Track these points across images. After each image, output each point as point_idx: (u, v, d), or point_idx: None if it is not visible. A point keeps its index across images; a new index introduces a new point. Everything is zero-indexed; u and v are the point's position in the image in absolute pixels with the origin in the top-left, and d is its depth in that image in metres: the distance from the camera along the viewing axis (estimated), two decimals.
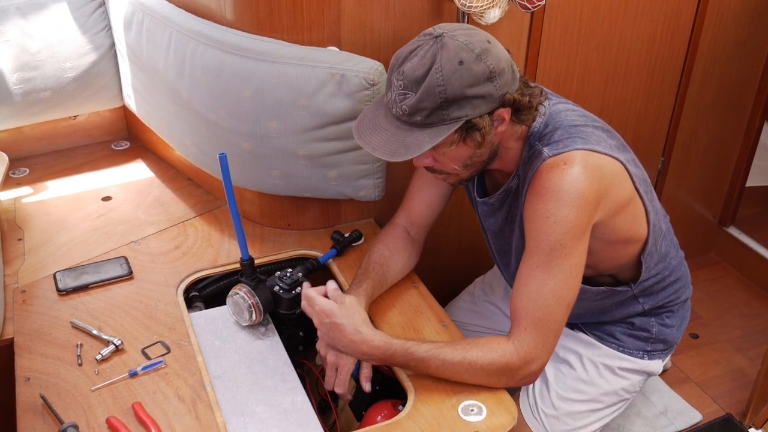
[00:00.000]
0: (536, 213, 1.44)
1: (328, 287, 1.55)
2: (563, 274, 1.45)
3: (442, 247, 2.22)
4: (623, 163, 1.51)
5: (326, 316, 1.47)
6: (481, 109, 1.37)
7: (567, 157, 1.43)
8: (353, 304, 1.50)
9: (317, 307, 1.49)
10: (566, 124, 1.49)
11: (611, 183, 1.48)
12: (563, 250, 1.43)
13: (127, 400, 1.44)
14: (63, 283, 1.72)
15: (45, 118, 2.19)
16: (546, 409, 1.79)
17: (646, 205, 1.59)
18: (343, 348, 1.48)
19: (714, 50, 2.33)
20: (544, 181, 1.43)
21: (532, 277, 1.45)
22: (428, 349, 1.43)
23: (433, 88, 1.33)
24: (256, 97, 1.71)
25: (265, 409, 1.49)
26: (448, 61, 1.33)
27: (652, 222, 1.62)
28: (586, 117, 1.55)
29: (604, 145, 1.48)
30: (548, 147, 1.46)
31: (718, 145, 2.58)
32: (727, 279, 2.74)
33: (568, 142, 1.45)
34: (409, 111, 1.36)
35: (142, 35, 1.92)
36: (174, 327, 1.62)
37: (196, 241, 1.91)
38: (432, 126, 1.37)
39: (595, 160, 1.45)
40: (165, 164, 2.26)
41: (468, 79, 1.34)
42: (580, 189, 1.41)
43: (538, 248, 1.44)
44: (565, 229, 1.42)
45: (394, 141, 1.39)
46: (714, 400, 2.20)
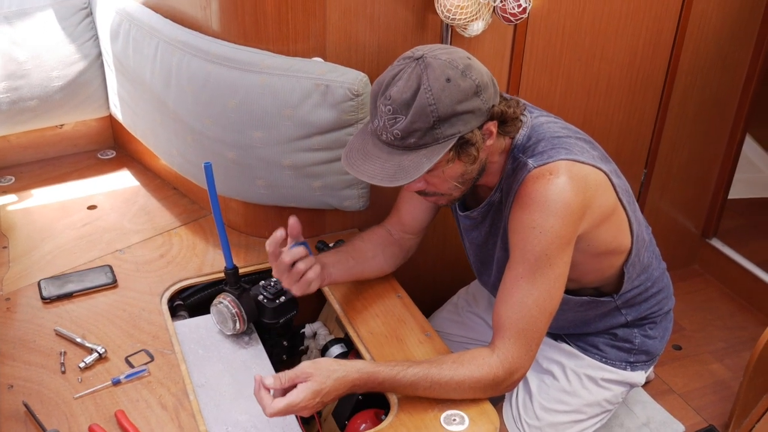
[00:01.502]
0: (522, 223, 1.45)
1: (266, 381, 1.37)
2: (547, 284, 1.46)
3: (427, 258, 2.23)
4: (606, 174, 1.52)
5: (313, 399, 1.36)
6: (472, 123, 1.38)
7: (552, 167, 1.45)
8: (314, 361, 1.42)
9: (300, 404, 1.35)
10: (549, 136, 1.51)
11: (595, 193, 1.50)
12: (548, 260, 1.44)
13: (110, 408, 1.44)
14: (47, 291, 1.72)
15: (31, 126, 2.19)
16: (529, 420, 1.79)
17: (629, 215, 1.61)
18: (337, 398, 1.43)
19: (695, 63, 2.36)
20: (530, 192, 1.44)
21: (517, 287, 1.46)
22: (415, 373, 1.43)
23: (424, 108, 1.33)
24: (241, 107, 1.72)
25: (248, 418, 1.50)
26: (435, 80, 1.34)
27: (635, 233, 1.63)
28: (568, 129, 1.57)
29: (587, 156, 1.50)
30: (533, 158, 1.47)
31: (701, 157, 2.60)
32: (710, 291, 2.75)
33: (552, 152, 1.47)
34: (402, 134, 1.36)
35: (129, 45, 1.93)
36: (158, 335, 1.63)
37: (181, 250, 1.91)
38: (426, 146, 1.37)
39: (579, 171, 1.46)
40: (151, 173, 2.26)
41: (457, 95, 1.35)
42: (566, 199, 1.43)
43: (524, 258, 1.45)
44: (550, 240, 1.43)
45: (390, 166, 1.38)
46: (697, 412, 2.21)
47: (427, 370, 1.43)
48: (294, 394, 1.36)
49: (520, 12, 1.76)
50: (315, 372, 1.38)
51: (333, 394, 1.39)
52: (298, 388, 1.36)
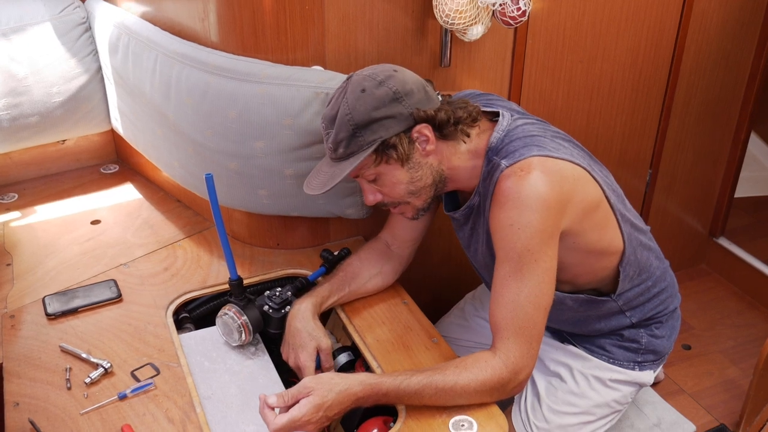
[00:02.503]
0: (500, 223, 1.45)
1: (269, 401, 1.39)
2: (536, 279, 1.45)
3: (432, 263, 2.22)
4: (585, 169, 1.52)
5: (316, 413, 1.37)
6: (394, 128, 1.47)
7: (523, 164, 1.45)
8: (315, 376, 1.43)
9: (303, 419, 1.36)
10: (522, 136, 1.52)
11: (574, 186, 1.49)
12: (531, 255, 1.44)
13: (117, 422, 1.43)
14: (52, 307, 1.72)
15: (33, 143, 2.20)
16: (538, 422, 1.78)
17: (617, 214, 1.60)
18: (342, 413, 1.43)
19: (698, 62, 2.35)
20: (504, 190, 1.45)
21: (506, 287, 1.46)
22: (419, 381, 1.42)
23: (342, 118, 1.46)
24: (241, 118, 1.71)
25: (255, 429, 1.49)
26: (351, 93, 1.46)
27: (626, 232, 1.62)
28: (545, 129, 1.57)
29: (562, 152, 1.49)
30: (505, 159, 1.48)
31: (706, 156, 2.59)
32: (719, 290, 2.74)
33: (523, 150, 1.47)
34: (333, 146, 1.49)
35: (128, 58, 1.93)
36: (163, 349, 1.62)
37: (185, 263, 1.90)
38: (353, 155, 1.48)
39: (552, 165, 1.46)
40: (154, 186, 2.26)
41: (372, 103, 1.45)
42: (540, 193, 1.43)
43: (508, 257, 1.46)
44: (530, 234, 1.43)
45: (324, 177, 1.52)
46: (708, 411, 2.20)
47: (431, 378, 1.43)
48: (296, 409, 1.36)
49: (520, 15, 1.76)
50: (316, 386, 1.38)
51: (336, 408, 1.39)
52: (300, 403, 1.37)
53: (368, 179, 1.54)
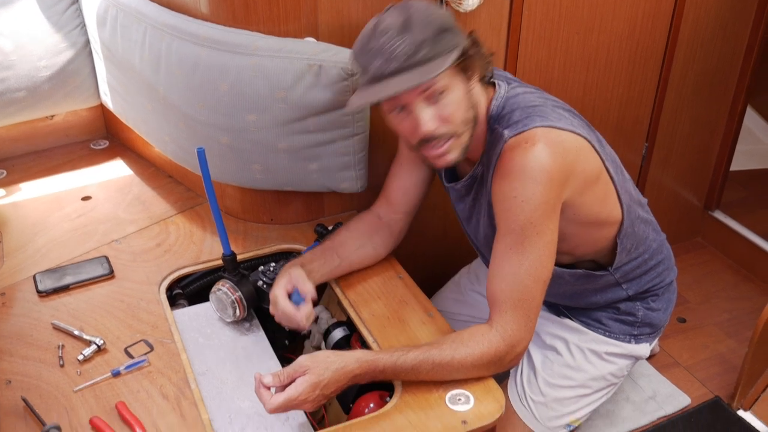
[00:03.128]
0: (503, 194, 1.44)
1: (264, 380, 1.38)
2: (537, 252, 1.44)
3: (428, 238, 2.21)
4: (587, 139, 1.50)
5: (312, 392, 1.36)
6: (464, 42, 1.42)
7: (527, 135, 1.43)
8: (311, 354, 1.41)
9: (300, 398, 1.35)
10: (524, 105, 1.50)
11: (576, 158, 1.48)
12: (534, 228, 1.43)
13: (111, 399, 1.42)
14: (43, 284, 1.70)
15: (21, 118, 2.16)
16: (534, 396, 1.78)
17: (616, 185, 1.58)
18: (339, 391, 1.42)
19: (696, 34, 2.32)
20: (508, 162, 1.43)
21: (507, 259, 1.45)
22: (416, 356, 1.41)
23: (422, 20, 1.36)
24: (233, 91, 1.69)
25: (251, 405, 1.48)
26: (420, 4, 1.40)
27: (624, 203, 1.61)
28: (545, 98, 1.55)
29: (564, 122, 1.48)
30: (508, 128, 1.46)
31: (702, 129, 2.58)
32: (714, 263, 2.74)
33: (527, 121, 1.45)
34: (414, 50, 1.35)
35: (117, 31, 1.90)
36: (157, 325, 1.61)
37: (178, 239, 1.88)
38: (438, 56, 1.36)
39: (556, 136, 1.45)
40: (145, 162, 2.23)
41: (443, 13, 1.42)
42: (544, 165, 1.41)
43: (510, 229, 1.44)
44: (533, 207, 1.41)
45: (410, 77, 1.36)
46: (702, 384, 2.20)
47: (428, 353, 1.42)
48: (292, 388, 1.35)
49: None
50: (312, 365, 1.37)
51: (333, 387, 1.38)
52: (297, 382, 1.36)
53: (438, 91, 1.41)
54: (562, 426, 1.81)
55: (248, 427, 1.43)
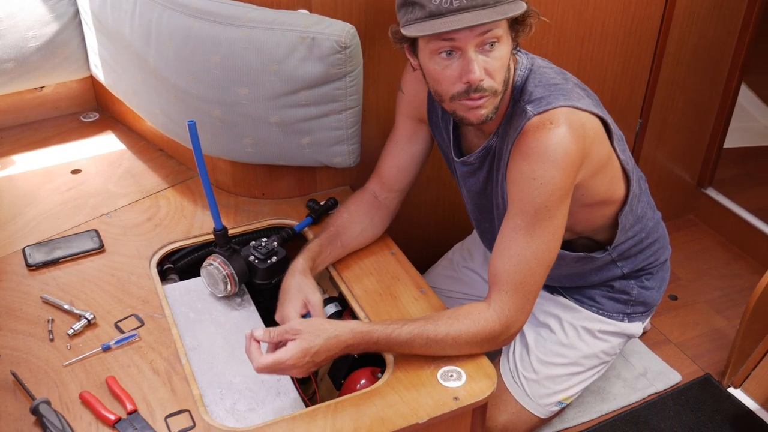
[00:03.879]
0: (522, 174, 1.41)
1: (255, 333, 1.39)
2: (546, 236, 1.43)
3: (420, 214, 2.20)
4: (603, 120, 1.49)
5: (302, 358, 1.35)
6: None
7: (552, 115, 1.40)
8: (305, 320, 1.42)
9: (288, 362, 1.34)
10: (545, 82, 1.47)
11: (593, 142, 1.46)
12: (548, 212, 1.41)
13: (101, 374, 1.41)
14: (32, 258, 1.68)
15: (10, 89, 2.13)
16: (526, 373, 1.78)
17: (623, 163, 1.58)
18: (329, 359, 1.41)
19: (691, 10, 2.30)
20: (530, 142, 1.40)
21: (515, 239, 1.43)
22: (411, 330, 1.41)
23: None
24: (225, 63, 1.66)
25: (242, 380, 1.47)
26: None
27: (631, 181, 1.60)
28: (564, 74, 1.53)
29: (584, 102, 1.46)
30: (531, 105, 1.43)
31: (696, 106, 2.56)
32: (706, 240, 2.74)
33: (550, 99, 1.42)
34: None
35: (107, 1, 1.87)
36: (147, 300, 1.59)
37: (169, 213, 1.87)
38: (502, 2, 1.31)
39: (578, 118, 1.42)
40: (136, 135, 2.21)
41: None
42: (567, 149, 1.39)
43: (523, 210, 1.42)
44: (550, 191, 1.40)
45: (483, 14, 1.29)
46: (693, 361, 2.21)
47: (423, 327, 1.41)
48: (282, 351, 1.35)
49: None
50: (304, 330, 1.37)
51: (324, 354, 1.37)
52: (287, 346, 1.35)
53: (492, 40, 1.34)
54: (554, 403, 1.81)
55: (239, 402, 1.43)
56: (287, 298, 1.55)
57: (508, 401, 1.79)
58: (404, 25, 1.37)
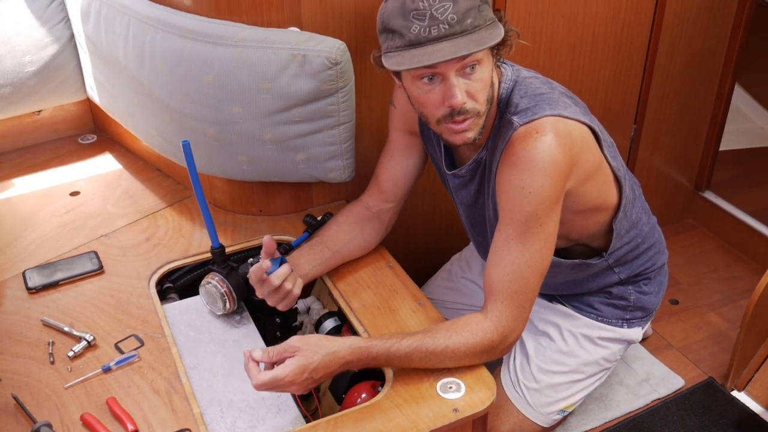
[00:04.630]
0: (510, 184, 1.42)
1: (254, 354, 1.39)
2: (538, 244, 1.44)
3: (417, 226, 2.20)
4: (590, 128, 1.50)
5: (300, 374, 1.35)
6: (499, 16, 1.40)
7: (538, 125, 1.41)
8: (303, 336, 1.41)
9: (286, 379, 1.34)
10: (531, 92, 1.48)
11: (581, 149, 1.47)
12: (538, 220, 1.42)
13: (102, 395, 1.42)
14: (32, 280, 1.69)
15: (8, 114, 2.15)
16: (527, 382, 1.79)
17: (614, 170, 1.58)
18: (328, 376, 1.41)
19: (681, 15, 2.31)
20: (517, 151, 1.41)
21: (507, 249, 1.44)
22: (409, 344, 1.41)
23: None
24: (217, 82, 1.68)
25: (242, 398, 1.48)
26: None
27: (622, 187, 1.61)
28: (549, 84, 1.54)
29: (571, 111, 1.47)
30: (517, 116, 1.44)
31: (690, 110, 2.57)
32: (705, 243, 2.74)
33: (536, 109, 1.44)
34: (459, 17, 1.31)
35: (101, 25, 1.88)
36: (147, 320, 1.60)
37: (167, 232, 1.88)
38: (480, 27, 1.33)
39: (565, 127, 1.43)
40: (133, 156, 2.22)
41: None
42: (554, 157, 1.40)
43: (513, 220, 1.43)
44: (540, 199, 1.41)
45: (461, 43, 1.31)
46: (696, 365, 2.21)
47: (421, 341, 1.41)
48: (280, 369, 1.35)
49: None
50: (302, 347, 1.37)
51: (322, 371, 1.37)
52: (285, 363, 1.36)
53: (472, 64, 1.36)
54: (556, 411, 1.81)
55: (240, 420, 1.43)
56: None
57: (510, 411, 1.79)
58: (385, 51, 1.40)
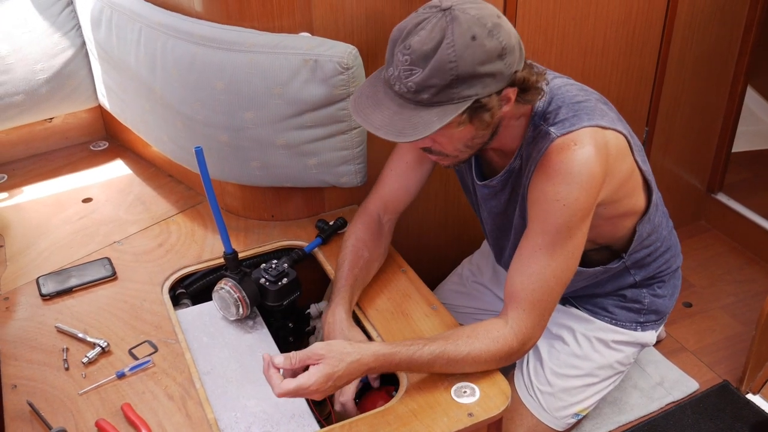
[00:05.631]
0: (545, 195, 1.41)
1: (275, 360, 1.35)
2: (566, 255, 1.43)
3: (429, 231, 2.20)
4: (625, 135, 1.49)
5: (326, 383, 1.33)
6: (491, 88, 1.30)
7: (576, 136, 1.40)
8: (327, 343, 1.39)
9: (312, 387, 1.32)
10: (569, 101, 1.46)
11: (616, 159, 1.46)
12: (569, 232, 1.42)
13: (116, 401, 1.42)
14: (46, 287, 1.70)
15: (20, 122, 2.16)
16: (541, 386, 1.78)
17: (645, 175, 1.57)
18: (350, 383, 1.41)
19: (692, 16, 2.31)
20: (555, 163, 1.40)
21: (535, 258, 1.43)
22: (432, 351, 1.39)
23: (443, 65, 1.26)
24: (230, 88, 1.68)
25: (256, 403, 1.48)
26: (460, 36, 1.26)
27: (653, 191, 1.60)
28: (585, 90, 1.51)
29: (607, 119, 1.45)
30: (555, 127, 1.42)
31: (702, 112, 2.56)
32: (718, 246, 2.73)
33: (574, 120, 1.42)
34: (416, 88, 1.29)
35: (112, 32, 1.89)
36: (160, 326, 1.60)
37: (180, 238, 1.88)
38: (440, 105, 1.29)
39: (602, 137, 1.42)
40: (145, 162, 2.23)
41: (480, 56, 1.27)
42: (592, 170, 1.39)
43: (545, 230, 1.42)
44: (573, 212, 1.40)
45: (399, 120, 1.31)
46: (710, 368, 2.19)
47: (444, 347, 1.40)
48: (305, 377, 1.32)
49: None
50: (327, 354, 1.34)
51: (346, 378, 1.35)
52: (310, 371, 1.33)
53: (424, 145, 1.41)
54: (570, 415, 1.80)
55: (254, 425, 1.43)
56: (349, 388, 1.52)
57: (524, 415, 1.79)
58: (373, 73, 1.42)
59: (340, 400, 1.50)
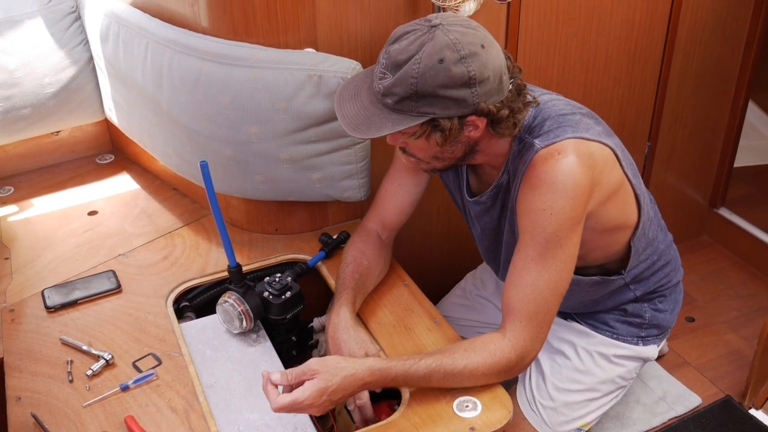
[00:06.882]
0: (532, 205, 1.42)
1: (272, 377, 1.38)
2: (558, 266, 1.44)
3: (432, 245, 2.21)
4: (612, 149, 1.50)
5: (320, 397, 1.35)
6: (451, 111, 1.35)
7: (560, 147, 1.42)
8: (322, 359, 1.41)
9: (306, 402, 1.34)
10: (554, 114, 1.48)
11: (603, 170, 1.47)
12: (559, 241, 1.42)
13: (120, 414, 1.43)
14: (51, 300, 1.71)
15: (27, 135, 2.18)
16: (543, 401, 1.78)
17: (635, 189, 1.58)
18: (347, 398, 1.41)
19: (693, 32, 2.32)
20: (539, 173, 1.41)
21: (527, 270, 1.44)
22: (428, 365, 1.41)
23: (406, 78, 1.32)
24: (235, 103, 1.70)
25: (259, 416, 1.48)
26: (429, 56, 1.31)
27: (642, 206, 1.61)
28: (571, 105, 1.54)
29: (592, 132, 1.47)
30: (539, 138, 1.44)
31: (704, 127, 2.57)
32: (721, 261, 2.73)
33: (558, 131, 1.44)
34: (383, 92, 1.36)
35: (119, 47, 1.91)
36: (164, 338, 1.61)
37: (184, 251, 1.89)
38: (399, 112, 1.36)
39: (586, 148, 1.44)
40: (150, 175, 2.24)
41: (443, 79, 1.32)
42: (576, 179, 1.40)
43: (534, 241, 1.43)
44: (561, 221, 1.41)
45: (362, 116, 1.39)
46: (713, 383, 2.20)
47: (440, 361, 1.41)
48: (299, 392, 1.35)
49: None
50: (321, 369, 1.37)
51: (341, 393, 1.37)
52: (304, 386, 1.35)
53: (397, 144, 1.47)
54: (573, 430, 1.80)
55: None
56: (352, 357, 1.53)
57: (525, 430, 1.79)
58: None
59: (357, 402, 1.51)
